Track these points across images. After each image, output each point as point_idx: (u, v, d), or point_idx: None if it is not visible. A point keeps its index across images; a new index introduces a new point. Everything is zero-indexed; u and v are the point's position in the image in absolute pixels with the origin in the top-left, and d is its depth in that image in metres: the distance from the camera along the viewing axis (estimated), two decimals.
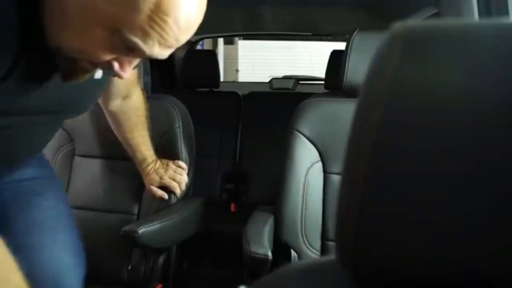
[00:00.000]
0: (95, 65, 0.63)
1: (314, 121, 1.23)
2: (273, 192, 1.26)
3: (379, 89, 0.33)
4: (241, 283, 0.62)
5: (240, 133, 2.26)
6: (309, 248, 1.18)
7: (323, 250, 1.18)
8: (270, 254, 1.05)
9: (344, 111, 1.22)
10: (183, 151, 1.34)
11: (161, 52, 0.60)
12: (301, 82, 2.66)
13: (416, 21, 0.34)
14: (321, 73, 1.93)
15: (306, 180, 1.20)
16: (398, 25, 0.34)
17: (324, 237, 1.19)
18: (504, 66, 0.31)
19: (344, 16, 2.03)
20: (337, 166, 1.21)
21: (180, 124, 1.35)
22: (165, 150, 1.34)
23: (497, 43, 0.32)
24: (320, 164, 1.21)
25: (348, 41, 1.23)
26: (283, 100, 2.08)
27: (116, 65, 0.62)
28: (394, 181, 0.33)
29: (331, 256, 0.43)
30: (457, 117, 0.32)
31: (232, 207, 2.07)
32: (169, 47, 0.60)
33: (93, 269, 1.34)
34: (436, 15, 1.43)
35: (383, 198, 0.33)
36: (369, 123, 0.33)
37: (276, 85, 2.57)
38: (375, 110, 0.33)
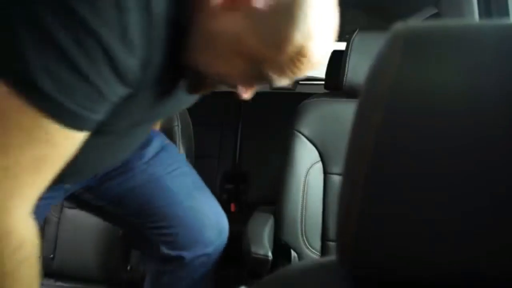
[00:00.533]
0: (223, 84, 0.68)
1: (314, 121, 1.23)
2: (273, 192, 1.26)
3: (380, 89, 0.33)
4: (241, 283, 0.62)
5: (240, 133, 2.26)
6: (309, 248, 1.18)
7: (323, 250, 1.18)
8: (270, 254, 1.05)
9: (344, 111, 1.22)
10: (182, 151, 1.34)
11: (286, 83, 0.64)
12: (301, 82, 2.66)
13: (416, 22, 0.35)
14: (321, 73, 1.92)
15: (306, 180, 1.20)
16: (399, 26, 0.34)
17: (324, 237, 1.19)
18: (504, 66, 0.31)
19: (344, 16, 2.03)
20: (337, 167, 1.21)
21: (179, 123, 1.35)
22: None
23: (497, 43, 0.32)
24: (320, 165, 1.21)
25: (348, 41, 1.23)
26: (283, 100, 2.08)
27: (242, 88, 0.67)
28: (395, 181, 0.33)
29: (332, 256, 0.43)
30: (457, 117, 0.32)
31: (232, 207, 2.07)
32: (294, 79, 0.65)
33: (92, 269, 1.34)
34: (436, 15, 1.43)
35: (383, 198, 0.33)
36: (370, 124, 0.33)
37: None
38: (376, 110, 0.33)
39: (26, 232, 0.55)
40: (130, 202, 1.00)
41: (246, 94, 0.68)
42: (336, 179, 1.20)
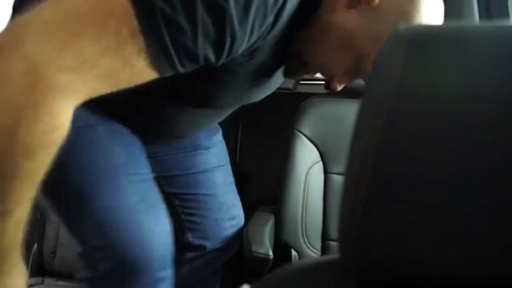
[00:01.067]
0: (321, 73, 0.74)
1: (314, 121, 1.23)
2: (273, 192, 1.26)
3: (383, 91, 0.33)
4: (243, 282, 0.63)
5: (240, 133, 2.26)
6: (310, 248, 1.18)
7: (324, 250, 1.18)
8: (271, 253, 1.06)
9: (344, 111, 1.22)
10: None
11: None
12: (301, 82, 2.65)
13: (419, 24, 0.35)
14: None
15: (307, 180, 1.20)
16: (401, 27, 0.34)
17: (324, 237, 1.19)
18: (506, 68, 0.32)
19: None
20: (338, 166, 1.21)
21: None
22: None
23: (499, 45, 0.32)
24: (320, 164, 1.21)
25: None
26: (284, 100, 2.08)
27: (339, 80, 0.72)
28: (398, 182, 0.33)
29: (333, 255, 0.43)
30: (460, 119, 0.32)
31: None
32: None
33: None
34: None
35: (386, 199, 0.33)
36: (373, 125, 0.33)
37: None
38: (379, 111, 0.33)
39: (67, 121, 0.54)
40: (181, 182, 1.05)
41: (340, 86, 0.73)
42: (337, 178, 1.20)
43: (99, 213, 0.77)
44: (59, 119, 0.51)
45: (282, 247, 1.17)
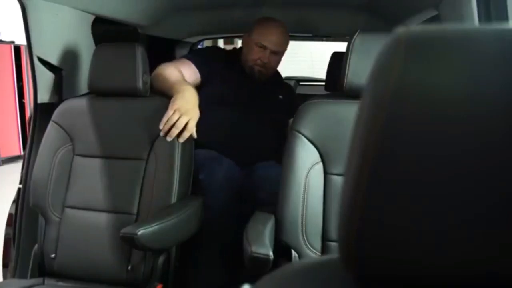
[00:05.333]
0: (255, 64, 1.70)
1: (314, 122, 1.23)
2: (273, 193, 1.26)
3: (382, 93, 0.33)
4: (243, 282, 0.63)
5: None
6: (310, 248, 1.18)
7: (324, 250, 1.18)
8: (271, 253, 1.06)
9: (345, 112, 1.22)
10: (181, 149, 1.34)
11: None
12: (301, 83, 2.66)
13: (418, 26, 0.35)
14: (322, 74, 1.93)
15: (307, 181, 1.20)
16: (400, 30, 0.34)
17: (324, 237, 1.19)
18: (505, 70, 0.32)
19: (345, 17, 2.03)
20: (337, 167, 1.21)
21: None
22: (163, 146, 1.34)
23: (498, 47, 0.32)
24: (320, 165, 1.21)
25: (349, 42, 1.23)
26: None
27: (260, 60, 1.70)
28: (396, 183, 0.33)
29: (332, 255, 0.43)
30: (458, 121, 0.32)
31: None
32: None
33: (93, 269, 1.34)
34: (436, 17, 1.43)
35: (385, 200, 0.34)
36: (372, 126, 0.33)
37: None
38: (378, 113, 0.33)
39: None
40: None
41: (266, 60, 1.69)
42: (337, 179, 1.21)
43: None
44: None
45: (282, 247, 1.18)
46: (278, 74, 1.88)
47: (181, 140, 1.31)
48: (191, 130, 1.31)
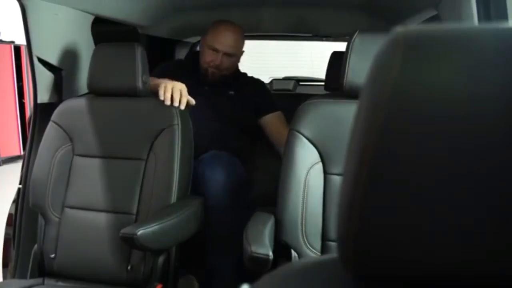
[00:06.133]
0: (209, 66, 1.73)
1: (314, 122, 1.23)
2: (273, 193, 1.26)
3: (381, 92, 0.33)
4: (243, 282, 0.63)
5: None
6: (310, 248, 1.18)
7: (324, 250, 1.18)
8: (271, 253, 1.06)
9: (344, 112, 1.22)
10: (180, 149, 1.34)
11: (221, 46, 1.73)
12: (301, 83, 2.66)
13: (417, 25, 0.35)
14: (321, 74, 1.93)
15: (307, 181, 1.20)
16: (399, 29, 0.34)
17: (324, 237, 1.19)
18: (504, 70, 0.32)
19: (345, 17, 2.03)
20: (337, 167, 1.21)
21: (179, 121, 1.35)
22: (162, 146, 1.34)
23: (497, 47, 0.32)
24: (320, 165, 1.21)
25: (348, 42, 1.23)
26: (284, 101, 2.08)
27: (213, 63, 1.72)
28: (395, 183, 0.33)
29: (332, 255, 0.43)
30: (458, 121, 0.32)
31: None
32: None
33: (93, 269, 1.34)
34: (436, 17, 1.43)
35: (384, 199, 0.34)
36: (371, 125, 0.33)
37: (276, 86, 2.57)
38: (377, 112, 0.33)
39: None
40: None
41: (218, 63, 1.72)
42: (336, 179, 1.21)
43: None
44: None
45: (282, 247, 1.18)
46: (236, 72, 1.88)
47: (183, 106, 1.41)
48: (187, 95, 1.43)
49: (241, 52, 1.81)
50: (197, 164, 1.52)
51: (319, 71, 2.33)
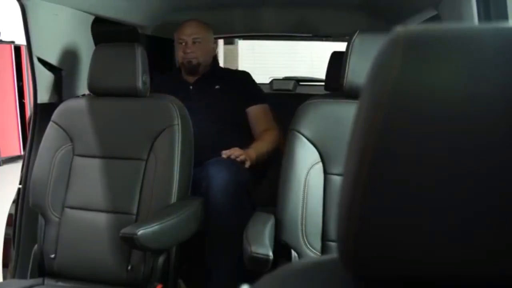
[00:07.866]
0: (184, 59, 1.81)
1: (314, 122, 1.23)
2: (273, 193, 1.26)
3: (381, 92, 0.33)
4: (243, 282, 0.63)
5: None
6: (310, 248, 1.18)
7: (324, 250, 1.18)
8: (271, 253, 1.06)
9: (344, 112, 1.22)
10: (180, 149, 1.34)
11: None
12: (301, 83, 2.66)
13: (416, 25, 0.35)
14: (321, 74, 1.93)
15: (307, 181, 1.20)
16: (399, 29, 0.34)
17: (324, 237, 1.19)
18: (504, 70, 0.32)
19: (345, 17, 2.04)
20: (337, 167, 1.21)
21: (179, 122, 1.35)
22: (162, 146, 1.34)
23: (498, 46, 0.32)
24: (320, 165, 1.21)
25: (348, 42, 1.23)
26: (284, 101, 2.08)
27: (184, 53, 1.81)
28: (395, 183, 0.33)
29: (332, 255, 0.43)
30: (458, 121, 0.32)
31: None
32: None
33: (93, 269, 1.34)
34: (436, 17, 1.43)
35: (384, 199, 0.34)
36: (370, 125, 0.33)
37: (276, 86, 2.58)
38: (377, 112, 0.33)
39: None
40: None
41: (186, 53, 1.80)
42: (337, 179, 1.20)
43: None
44: None
45: (282, 247, 1.18)
46: (215, 66, 1.94)
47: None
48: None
49: (211, 41, 1.87)
50: (201, 168, 1.52)
51: (319, 71, 2.33)
